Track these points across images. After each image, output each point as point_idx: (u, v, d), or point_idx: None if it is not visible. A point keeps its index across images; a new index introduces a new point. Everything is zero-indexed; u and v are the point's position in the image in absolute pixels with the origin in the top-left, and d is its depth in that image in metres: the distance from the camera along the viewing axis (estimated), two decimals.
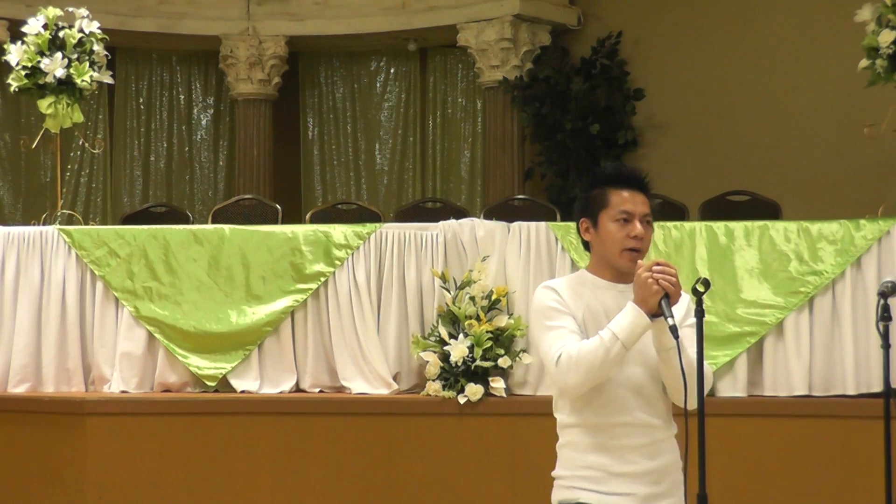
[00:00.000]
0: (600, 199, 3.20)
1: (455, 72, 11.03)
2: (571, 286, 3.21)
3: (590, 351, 3.04)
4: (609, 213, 3.17)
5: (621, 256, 3.16)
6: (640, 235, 3.15)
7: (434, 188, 10.98)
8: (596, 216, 3.20)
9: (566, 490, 3.17)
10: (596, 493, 3.11)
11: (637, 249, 3.15)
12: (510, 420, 5.70)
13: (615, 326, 3.03)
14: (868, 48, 6.21)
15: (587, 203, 3.24)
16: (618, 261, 3.17)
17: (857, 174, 8.69)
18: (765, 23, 9.38)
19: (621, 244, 3.15)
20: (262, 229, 6.24)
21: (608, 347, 3.02)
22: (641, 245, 3.16)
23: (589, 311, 3.16)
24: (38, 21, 6.81)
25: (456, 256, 6.01)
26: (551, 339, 3.13)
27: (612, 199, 3.17)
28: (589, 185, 3.27)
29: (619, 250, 3.16)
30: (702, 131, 9.61)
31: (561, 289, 3.19)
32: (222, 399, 5.96)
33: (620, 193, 3.18)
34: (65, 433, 5.85)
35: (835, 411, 5.58)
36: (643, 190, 3.20)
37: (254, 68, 10.52)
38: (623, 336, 3.02)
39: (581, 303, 3.17)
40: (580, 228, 3.26)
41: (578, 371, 3.05)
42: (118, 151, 11.02)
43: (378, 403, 5.84)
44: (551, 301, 3.17)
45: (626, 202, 3.16)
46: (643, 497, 3.11)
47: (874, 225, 5.71)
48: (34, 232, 6.21)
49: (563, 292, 3.18)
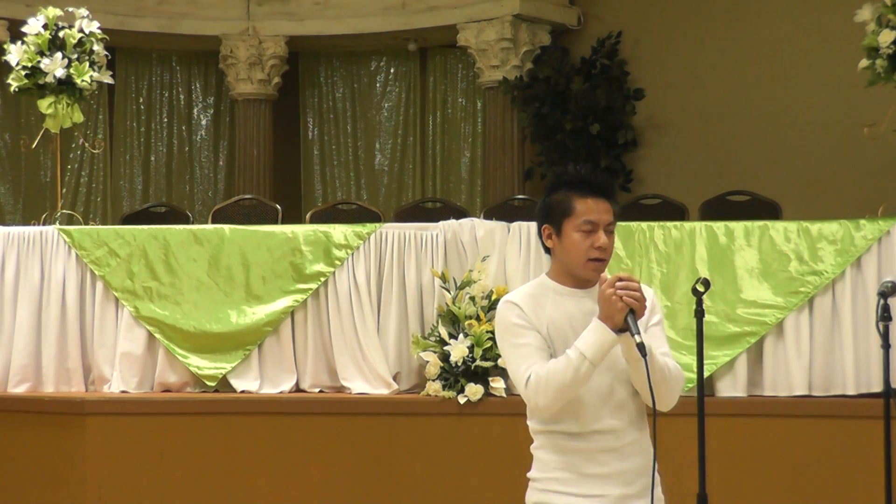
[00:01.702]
0: (564, 206, 3.11)
1: (455, 72, 11.03)
2: (533, 297, 3.16)
3: (558, 371, 3.01)
4: (573, 223, 3.09)
5: (585, 267, 3.10)
6: (604, 246, 3.08)
7: (434, 188, 10.98)
8: (559, 224, 3.12)
9: (539, 493, 3.15)
10: (568, 494, 3.09)
11: (601, 259, 3.10)
12: (510, 420, 5.69)
13: (582, 345, 2.99)
14: (868, 48, 6.21)
15: (549, 209, 3.15)
16: (581, 271, 3.12)
17: (857, 174, 8.69)
18: (765, 23, 9.38)
19: (585, 254, 3.09)
20: (262, 229, 6.24)
21: (576, 367, 2.99)
22: (605, 255, 3.11)
23: (552, 322, 3.12)
24: (38, 21, 6.81)
25: (456, 256, 6.01)
26: (518, 358, 3.09)
27: (577, 207, 3.09)
28: (551, 188, 3.17)
29: (584, 260, 3.10)
30: (702, 131, 9.61)
31: (523, 302, 3.14)
32: (222, 399, 5.96)
33: (585, 201, 3.09)
34: (65, 433, 5.85)
35: (835, 411, 5.58)
36: (608, 197, 3.11)
37: (254, 68, 10.52)
38: (590, 354, 2.99)
39: (544, 314, 3.12)
40: (542, 234, 3.19)
41: (548, 392, 3.02)
42: (118, 151, 11.02)
43: (378, 403, 5.84)
44: (514, 318, 3.12)
45: (591, 211, 3.08)
46: (616, 498, 3.08)
47: (874, 225, 5.71)
48: (34, 232, 6.21)
49: (526, 306, 3.13)
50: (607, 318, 2.97)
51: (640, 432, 3.15)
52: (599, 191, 3.10)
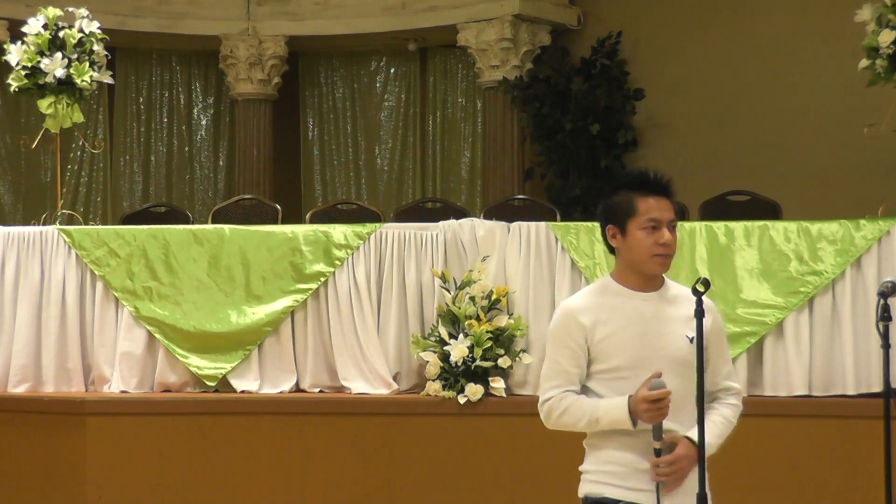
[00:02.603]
0: (626, 207, 3.22)
1: (455, 72, 11.03)
2: (594, 302, 3.25)
3: (573, 415, 3.21)
4: (637, 222, 3.20)
5: (651, 262, 3.21)
6: (668, 242, 3.20)
7: (434, 188, 10.98)
8: (623, 223, 3.23)
9: (592, 484, 3.25)
10: (620, 488, 3.18)
11: (666, 255, 3.22)
12: (510, 420, 5.70)
13: (603, 411, 3.15)
14: (868, 48, 6.21)
15: (613, 209, 3.26)
16: (647, 267, 3.22)
17: (857, 174, 8.69)
18: (765, 23, 9.38)
19: (650, 251, 3.20)
20: (262, 229, 6.24)
21: (588, 423, 3.19)
22: (669, 251, 3.22)
23: (612, 325, 3.20)
24: (38, 21, 6.81)
25: (456, 256, 6.01)
26: (549, 370, 3.28)
27: (640, 206, 3.20)
28: (613, 189, 3.29)
29: (649, 256, 3.20)
30: (702, 131, 9.61)
31: (580, 311, 3.24)
32: (222, 399, 5.96)
33: (647, 200, 3.21)
34: (65, 433, 5.85)
35: (835, 411, 5.58)
36: (667, 195, 3.24)
37: (254, 68, 10.52)
38: (604, 423, 3.16)
39: (602, 319, 3.21)
40: (606, 235, 3.28)
41: (556, 424, 3.26)
42: (118, 151, 11.02)
43: (378, 403, 5.84)
44: (563, 331, 3.25)
45: (653, 210, 3.20)
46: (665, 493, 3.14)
47: (874, 225, 5.71)
48: (34, 232, 6.21)
49: (583, 315, 3.22)
50: (636, 414, 3.12)
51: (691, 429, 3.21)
52: (660, 189, 3.23)
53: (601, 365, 3.22)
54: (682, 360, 3.18)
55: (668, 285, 3.30)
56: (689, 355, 3.17)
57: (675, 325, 3.21)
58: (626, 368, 3.18)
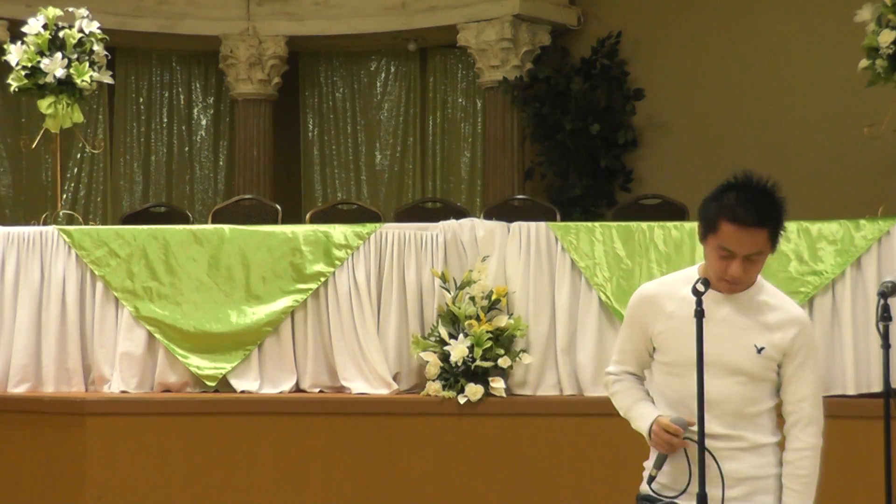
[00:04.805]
0: (712, 220, 3.09)
1: (455, 72, 11.03)
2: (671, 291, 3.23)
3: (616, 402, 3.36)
4: (714, 240, 3.09)
5: (719, 283, 3.14)
6: (735, 277, 3.09)
7: (434, 188, 10.98)
8: (705, 233, 3.13)
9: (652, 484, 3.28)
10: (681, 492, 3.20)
11: (733, 283, 3.13)
12: (510, 420, 5.70)
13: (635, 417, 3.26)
14: (868, 48, 6.21)
15: (705, 212, 3.14)
16: (716, 283, 3.14)
17: (857, 174, 8.68)
18: (765, 23, 9.38)
19: (719, 274, 3.12)
20: (262, 229, 6.24)
21: (624, 414, 3.33)
22: (736, 285, 3.14)
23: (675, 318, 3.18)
24: (38, 21, 6.81)
25: (456, 256, 6.01)
26: (618, 343, 3.38)
27: (721, 228, 3.06)
28: (719, 189, 3.14)
29: (717, 278, 3.14)
30: (702, 131, 9.61)
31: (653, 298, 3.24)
32: (222, 399, 5.96)
33: (731, 226, 3.05)
34: (65, 433, 5.84)
35: (835, 411, 5.51)
36: (762, 226, 3.07)
37: (254, 68, 10.52)
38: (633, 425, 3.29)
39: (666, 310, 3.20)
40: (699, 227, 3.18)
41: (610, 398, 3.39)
42: (118, 151, 11.02)
43: (378, 403, 5.84)
44: (632, 310, 3.28)
45: (731, 240, 3.06)
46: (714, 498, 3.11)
47: (874, 225, 5.71)
48: (34, 232, 6.20)
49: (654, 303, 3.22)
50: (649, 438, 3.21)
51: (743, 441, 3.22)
52: (750, 222, 3.06)
53: (661, 356, 3.23)
54: (742, 369, 3.13)
55: (761, 287, 3.21)
56: (751, 366, 3.13)
57: (746, 331, 3.15)
58: (679, 366, 3.15)
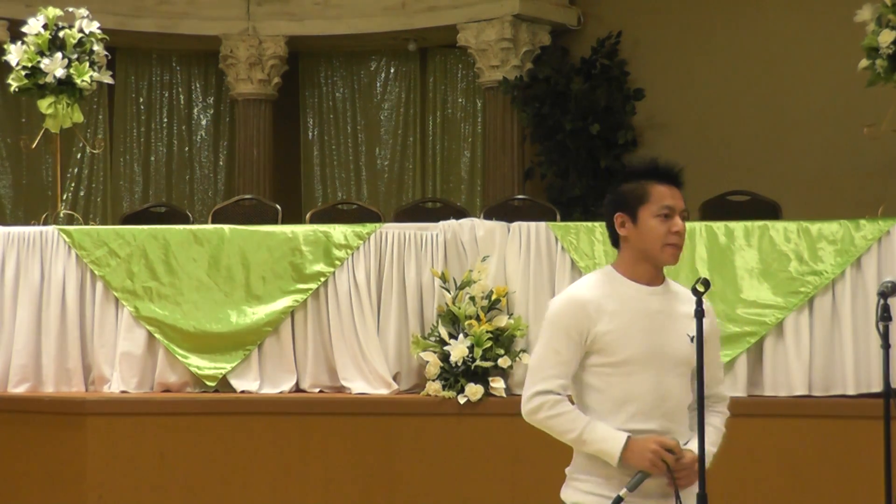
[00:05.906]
0: (639, 194, 3.17)
1: (455, 72, 11.03)
2: (599, 293, 3.16)
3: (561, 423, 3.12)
4: (650, 209, 3.15)
5: (663, 251, 3.16)
6: (681, 231, 3.16)
7: (434, 188, 10.98)
8: (634, 211, 3.16)
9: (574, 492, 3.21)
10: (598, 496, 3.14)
11: (678, 245, 3.17)
12: (510, 420, 5.66)
13: (595, 439, 3.07)
14: (868, 48, 6.22)
15: (623, 197, 3.19)
16: (659, 255, 3.16)
17: (857, 174, 8.68)
18: (764, 23, 9.38)
19: (663, 239, 3.14)
20: (262, 229, 6.24)
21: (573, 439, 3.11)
22: (681, 240, 3.18)
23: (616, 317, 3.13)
24: (38, 21, 6.81)
25: (456, 256, 6.01)
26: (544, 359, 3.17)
27: (653, 193, 3.16)
28: (623, 178, 3.24)
29: (661, 245, 3.15)
30: (702, 131, 9.61)
31: (587, 301, 3.14)
32: (222, 399, 5.96)
33: (660, 188, 3.16)
34: (65, 433, 5.85)
35: (835, 411, 5.58)
36: (679, 184, 3.21)
37: (254, 68, 10.52)
38: (589, 448, 3.09)
39: (606, 310, 3.13)
40: (615, 223, 3.20)
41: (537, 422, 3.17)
42: (118, 151, 11.02)
43: (378, 403, 5.84)
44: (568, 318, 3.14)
45: (667, 197, 3.16)
46: None
47: (874, 225, 5.71)
48: (34, 232, 6.21)
49: (590, 305, 3.12)
50: (629, 460, 3.05)
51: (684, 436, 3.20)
52: (672, 178, 3.19)
53: (606, 358, 3.12)
54: (684, 360, 3.14)
55: (668, 282, 3.25)
56: (690, 355, 3.12)
57: (679, 322, 3.16)
58: (634, 363, 3.11)
